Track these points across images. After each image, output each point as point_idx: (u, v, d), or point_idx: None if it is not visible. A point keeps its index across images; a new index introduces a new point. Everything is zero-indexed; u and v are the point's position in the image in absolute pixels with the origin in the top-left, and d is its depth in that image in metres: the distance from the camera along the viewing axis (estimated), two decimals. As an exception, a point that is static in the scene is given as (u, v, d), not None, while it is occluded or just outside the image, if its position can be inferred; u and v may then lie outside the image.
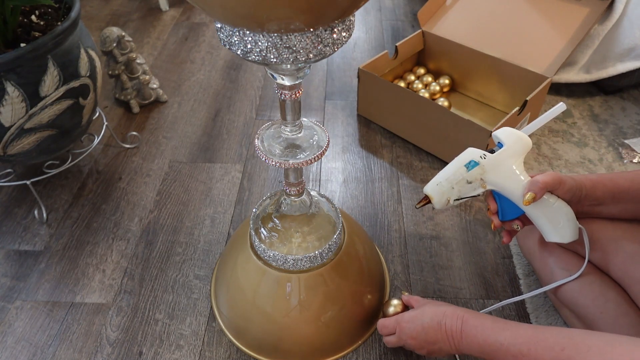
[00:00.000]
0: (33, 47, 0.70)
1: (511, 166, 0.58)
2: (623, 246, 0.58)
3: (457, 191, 0.60)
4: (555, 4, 1.05)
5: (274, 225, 0.66)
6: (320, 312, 0.65)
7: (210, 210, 0.90)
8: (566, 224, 0.58)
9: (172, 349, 0.70)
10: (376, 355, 0.69)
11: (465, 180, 0.60)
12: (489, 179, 0.59)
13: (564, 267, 0.63)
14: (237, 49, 0.43)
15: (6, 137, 0.74)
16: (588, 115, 1.11)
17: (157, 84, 1.16)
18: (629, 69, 1.06)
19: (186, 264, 0.81)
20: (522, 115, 0.95)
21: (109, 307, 0.75)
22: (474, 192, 0.60)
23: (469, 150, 0.60)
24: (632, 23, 1.02)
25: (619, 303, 0.58)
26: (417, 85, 1.13)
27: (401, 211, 0.90)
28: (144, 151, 1.03)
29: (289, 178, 0.61)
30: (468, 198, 0.61)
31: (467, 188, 0.60)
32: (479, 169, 0.59)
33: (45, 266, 0.81)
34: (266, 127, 0.58)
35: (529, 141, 0.60)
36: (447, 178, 0.60)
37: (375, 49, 1.37)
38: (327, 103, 1.17)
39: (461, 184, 0.60)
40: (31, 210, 0.90)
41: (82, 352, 0.69)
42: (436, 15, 1.16)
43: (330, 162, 1.01)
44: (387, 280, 0.78)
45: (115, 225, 0.88)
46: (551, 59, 1.00)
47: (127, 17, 1.52)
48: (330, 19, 0.40)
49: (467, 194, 0.60)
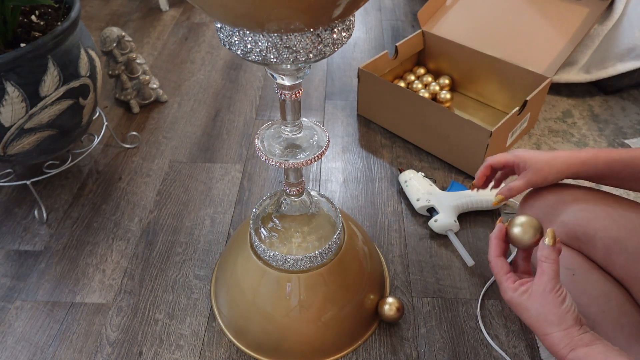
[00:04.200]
0: (33, 47, 0.70)
1: None
2: (626, 246, 0.58)
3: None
4: (555, 4, 1.05)
5: (274, 225, 0.66)
6: (320, 312, 0.65)
7: (210, 210, 0.90)
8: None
9: (172, 349, 0.70)
10: (376, 355, 0.69)
11: None
12: None
13: (567, 265, 0.63)
14: (237, 49, 0.43)
15: (6, 137, 0.74)
16: (588, 115, 1.11)
17: (157, 84, 1.16)
18: (629, 69, 1.06)
19: (186, 264, 0.81)
20: (522, 115, 0.95)
21: (109, 307, 0.75)
22: None
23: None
24: (632, 23, 1.02)
25: (621, 303, 0.58)
26: (417, 85, 1.13)
27: (401, 211, 0.90)
28: (144, 151, 1.03)
29: (289, 178, 0.61)
30: None
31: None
32: None
33: (45, 266, 0.81)
34: (266, 127, 0.58)
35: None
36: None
37: (375, 49, 1.37)
38: (327, 103, 1.17)
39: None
40: (31, 210, 0.90)
41: (82, 352, 0.69)
42: (436, 15, 1.16)
43: (330, 162, 1.01)
44: (387, 280, 0.78)
45: (115, 225, 0.88)
46: (551, 59, 1.00)
47: (127, 17, 1.52)
48: (330, 19, 0.40)
49: None
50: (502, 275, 0.50)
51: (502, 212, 0.88)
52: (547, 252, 0.48)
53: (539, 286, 0.47)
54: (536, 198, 0.69)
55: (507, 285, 0.49)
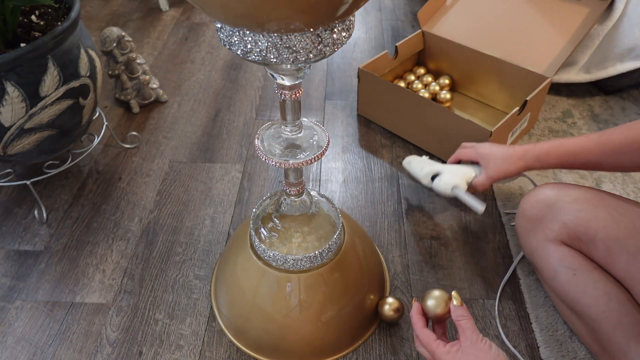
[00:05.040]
0: (33, 47, 0.70)
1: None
2: (626, 246, 0.58)
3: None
4: (555, 4, 1.05)
5: (274, 225, 0.66)
6: (320, 312, 0.65)
7: (210, 210, 0.90)
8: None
9: (172, 349, 0.70)
10: (376, 355, 0.69)
11: None
12: None
13: (568, 265, 0.63)
14: (237, 49, 0.43)
15: (6, 137, 0.74)
16: (588, 115, 1.11)
17: (157, 84, 1.16)
18: (629, 69, 1.06)
19: (186, 264, 0.81)
20: (522, 115, 0.95)
21: (109, 307, 0.75)
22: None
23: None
24: (632, 23, 1.02)
25: (622, 303, 0.58)
26: (417, 85, 1.13)
27: (401, 211, 0.90)
28: (144, 151, 1.03)
29: (289, 178, 0.61)
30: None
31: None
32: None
33: (45, 266, 0.81)
34: (266, 127, 0.58)
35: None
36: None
37: (375, 49, 1.37)
38: (327, 103, 1.17)
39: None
40: (31, 210, 0.90)
41: (82, 352, 0.69)
42: (436, 15, 1.16)
43: (330, 162, 1.01)
44: (387, 280, 0.78)
45: (115, 225, 0.88)
46: (551, 59, 1.00)
47: (127, 17, 1.52)
48: (330, 19, 0.40)
49: None
50: (433, 342, 0.55)
51: (502, 212, 0.88)
52: (460, 311, 0.55)
53: (465, 341, 0.53)
54: (536, 198, 0.69)
55: (440, 350, 0.54)
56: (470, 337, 0.53)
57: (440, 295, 0.58)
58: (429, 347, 0.55)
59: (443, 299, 0.58)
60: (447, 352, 0.53)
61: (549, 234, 0.66)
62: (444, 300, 0.58)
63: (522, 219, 0.71)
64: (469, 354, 0.52)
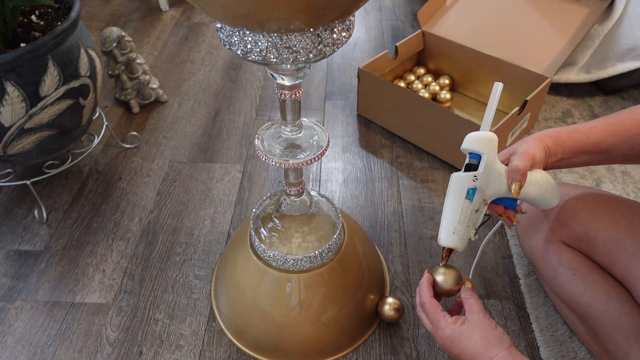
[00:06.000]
0: (33, 47, 0.70)
1: (497, 170, 0.55)
2: (626, 246, 0.58)
3: (472, 225, 0.55)
4: (555, 4, 1.05)
5: (274, 225, 0.66)
6: (320, 312, 0.65)
7: (210, 210, 0.90)
8: (551, 190, 0.57)
9: (172, 349, 0.70)
10: (376, 355, 0.69)
11: (473, 211, 0.54)
12: (488, 195, 0.55)
13: (568, 265, 0.63)
14: (237, 49, 0.43)
15: (6, 137, 0.74)
16: (588, 115, 1.11)
17: (157, 84, 1.16)
18: (629, 69, 1.06)
19: (186, 264, 0.81)
20: (522, 115, 0.95)
21: (109, 307, 0.75)
22: (482, 215, 0.56)
23: (457, 180, 0.54)
24: (632, 23, 1.02)
25: (622, 303, 0.58)
26: (417, 85, 1.13)
27: (401, 211, 0.90)
28: (144, 151, 1.03)
29: (289, 178, 0.61)
30: (481, 224, 0.57)
31: (476, 217, 0.55)
32: (479, 193, 0.54)
33: (45, 266, 0.81)
34: (266, 127, 0.58)
35: (495, 136, 0.56)
36: (459, 220, 0.54)
37: (375, 49, 1.37)
38: (327, 103, 1.17)
39: (472, 217, 0.54)
40: (31, 210, 0.90)
41: (82, 352, 0.69)
42: (436, 15, 1.16)
43: (330, 162, 1.01)
44: (387, 280, 0.78)
45: (115, 225, 0.88)
46: (551, 59, 1.00)
47: (127, 17, 1.52)
48: (330, 19, 0.40)
49: (479, 221, 0.56)
50: (439, 312, 0.53)
51: None
52: (469, 292, 0.55)
53: (473, 315, 0.52)
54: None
55: (445, 320, 0.52)
56: (478, 312, 0.52)
57: (453, 272, 0.56)
58: (433, 315, 0.53)
59: (453, 276, 0.56)
60: (453, 322, 0.52)
61: (548, 234, 0.66)
62: (455, 277, 0.56)
63: (522, 219, 0.71)
64: (475, 327, 0.51)
